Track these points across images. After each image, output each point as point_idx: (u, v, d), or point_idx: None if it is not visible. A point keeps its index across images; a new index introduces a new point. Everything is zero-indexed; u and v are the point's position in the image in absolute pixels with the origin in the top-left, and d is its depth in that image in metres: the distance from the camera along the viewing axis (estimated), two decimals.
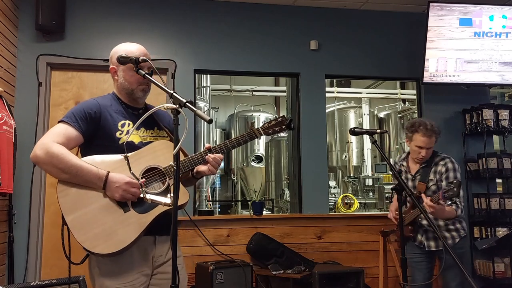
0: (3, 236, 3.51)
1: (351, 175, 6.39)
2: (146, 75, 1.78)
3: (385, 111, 6.98)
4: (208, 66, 4.28)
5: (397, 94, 6.92)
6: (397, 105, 6.92)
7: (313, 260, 4.01)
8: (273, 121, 2.01)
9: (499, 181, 4.75)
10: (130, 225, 1.72)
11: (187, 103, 1.56)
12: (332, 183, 5.85)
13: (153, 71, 1.83)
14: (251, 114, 6.73)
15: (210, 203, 5.74)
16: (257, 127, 1.98)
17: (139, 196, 1.72)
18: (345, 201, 4.85)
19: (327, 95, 4.72)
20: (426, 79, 4.25)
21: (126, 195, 1.72)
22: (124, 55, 1.81)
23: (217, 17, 4.31)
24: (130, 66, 1.83)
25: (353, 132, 2.36)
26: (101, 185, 1.71)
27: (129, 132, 1.84)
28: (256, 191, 5.28)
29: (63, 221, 1.71)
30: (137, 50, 1.88)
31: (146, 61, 1.78)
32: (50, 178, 3.60)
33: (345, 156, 6.45)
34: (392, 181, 5.80)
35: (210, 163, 1.87)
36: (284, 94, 6.32)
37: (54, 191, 1.73)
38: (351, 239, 4.18)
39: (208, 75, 6.15)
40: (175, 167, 1.51)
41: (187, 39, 4.23)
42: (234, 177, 6.75)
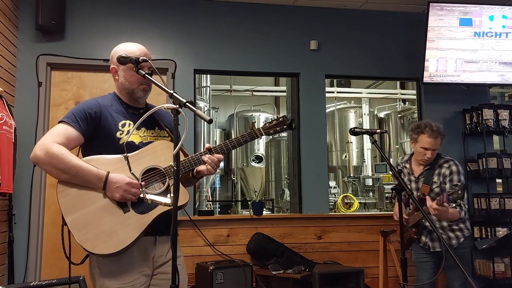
0: (3, 236, 3.51)
1: (351, 175, 6.39)
2: (146, 75, 1.77)
3: (385, 111, 6.98)
4: (208, 66, 4.28)
5: (397, 94, 6.92)
6: (397, 105, 6.92)
7: (313, 260, 4.01)
8: (274, 121, 1.99)
9: (499, 181, 4.75)
10: (130, 226, 1.72)
11: (187, 103, 1.56)
12: (332, 183, 5.86)
13: (153, 71, 1.82)
14: (251, 114, 6.73)
15: (210, 203, 5.75)
16: (258, 127, 1.96)
17: (139, 196, 1.72)
18: (345, 201, 4.85)
19: (327, 95, 4.72)
20: (426, 79, 4.25)
21: (126, 195, 1.72)
22: (124, 55, 1.81)
23: (217, 17, 4.31)
24: (130, 66, 1.82)
25: (353, 132, 2.37)
26: (101, 185, 1.71)
27: (129, 132, 1.84)
28: (256, 191, 5.27)
29: (63, 222, 1.71)
30: (137, 50, 1.87)
31: (146, 61, 1.77)
32: (50, 178, 3.60)
33: (345, 156, 6.45)
34: (392, 181, 5.80)
35: (208, 163, 1.86)
36: (284, 94, 6.32)
37: (54, 191, 1.73)
38: (351, 239, 4.18)
39: (208, 75, 6.15)
40: (175, 167, 1.51)
41: (187, 39, 4.23)
42: (234, 177, 6.75)
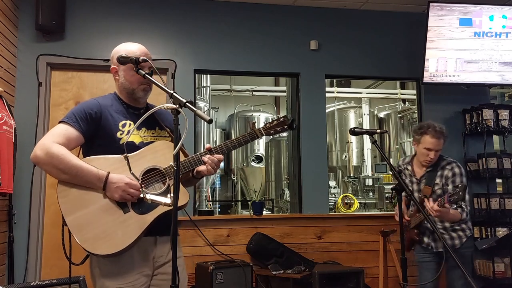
0: (3, 236, 3.51)
1: (351, 175, 6.39)
2: (146, 75, 1.77)
3: (385, 111, 6.98)
4: (208, 66, 4.28)
5: (397, 94, 6.92)
6: (397, 105, 6.92)
7: (313, 260, 4.01)
8: (275, 121, 1.98)
9: (499, 181, 4.75)
10: (130, 226, 1.72)
11: (187, 103, 1.55)
12: (332, 183, 5.86)
13: (153, 71, 1.82)
14: (251, 114, 6.73)
15: (210, 203, 5.74)
16: (259, 127, 1.95)
17: (139, 196, 1.72)
18: (345, 201, 4.85)
19: (327, 95, 4.72)
20: (426, 79, 4.25)
21: (125, 195, 1.71)
22: (124, 55, 1.80)
23: (217, 17, 4.31)
24: (130, 66, 1.82)
25: (353, 132, 2.36)
26: (101, 185, 1.71)
27: (129, 132, 1.84)
28: (256, 191, 5.27)
29: (63, 222, 1.71)
30: (137, 50, 1.87)
31: (146, 61, 1.77)
32: (50, 178, 3.60)
33: (345, 156, 6.45)
34: (392, 181, 5.80)
35: (208, 164, 1.86)
36: (284, 94, 6.32)
37: (54, 191, 1.73)
38: (351, 239, 4.18)
39: (208, 75, 6.15)
40: (175, 167, 1.51)
41: (187, 39, 4.23)
42: (234, 177, 6.75)
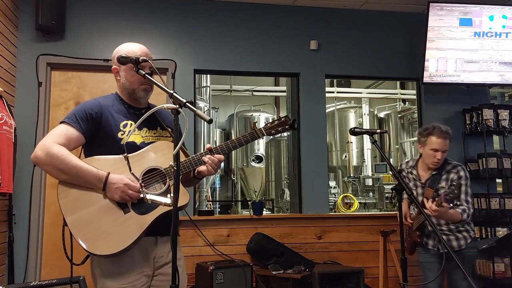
0: (3, 236, 3.51)
1: (351, 175, 6.39)
2: (146, 75, 1.77)
3: (385, 111, 6.98)
4: (208, 66, 4.28)
5: (397, 94, 6.92)
6: (397, 105, 6.92)
7: (313, 260, 4.01)
8: (276, 121, 1.97)
9: (499, 181, 4.75)
10: (130, 226, 1.72)
11: (187, 103, 1.55)
12: (332, 183, 5.86)
13: (153, 71, 1.82)
14: (251, 114, 6.73)
15: (210, 203, 5.75)
16: (260, 127, 1.94)
17: (139, 197, 1.72)
18: (345, 201, 4.85)
19: (327, 95, 4.72)
20: (426, 79, 4.25)
21: (125, 196, 1.71)
22: (124, 55, 1.80)
23: (217, 17, 4.31)
24: (131, 66, 1.81)
25: (353, 132, 2.36)
26: (101, 186, 1.71)
27: (129, 132, 1.84)
28: (256, 191, 5.28)
29: (64, 222, 1.71)
30: (138, 50, 1.87)
31: (146, 61, 1.76)
32: (50, 178, 3.59)
33: (345, 156, 6.45)
34: (392, 181, 5.81)
35: (208, 164, 1.86)
36: (284, 94, 6.32)
37: (54, 191, 1.73)
38: (351, 239, 4.18)
39: (208, 75, 6.15)
40: (175, 168, 1.51)
41: (187, 39, 4.23)
42: (234, 177, 6.75)
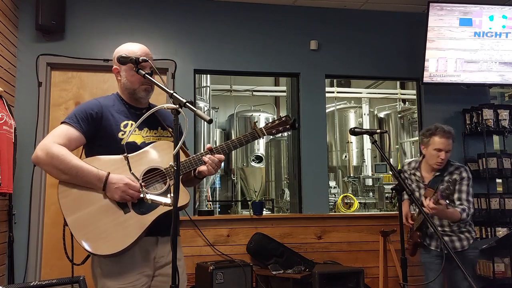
0: (3, 236, 3.51)
1: (351, 175, 6.39)
2: (146, 75, 1.77)
3: (385, 111, 6.98)
4: (208, 66, 4.28)
5: (397, 94, 6.92)
6: (397, 105, 6.92)
7: (313, 260, 4.01)
8: (277, 120, 1.97)
9: (499, 181, 4.74)
10: (131, 226, 1.72)
11: (187, 103, 1.55)
12: (332, 183, 5.86)
13: (153, 71, 1.82)
14: (251, 114, 6.73)
15: (210, 203, 5.75)
16: (260, 127, 1.93)
17: (139, 196, 1.72)
18: (345, 201, 4.85)
19: (327, 95, 4.72)
20: (426, 79, 4.25)
21: (125, 196, 1.71)
22: (124, 55, 1.80)
23: (217, 17, 4.31)
24: (131, 66, 1.81)
25: (353, 132, 2.36)
26: (101, 186, 1.71)
27: (129, 132, 1.84)
28: (256, 191, 5.28)
29: (65, 222, 1.71)
30: (139, 50, 1.87)
31: (146, 61, 1.76)
32: (50, 178, 3.60)
33: (345, 156, 6.45)
34: (392, 181, 5.80)
35: (209, 164, 1.86)
36: (284, 94, 6.32)
37: (54, 191, 1.73)
38: (351, 239, 4.18)
39: (208, 75, 6.15)
40: (175, 168, 1.51)
41: (187, 39, 4.23)
42: (234, 177, 6.75)
